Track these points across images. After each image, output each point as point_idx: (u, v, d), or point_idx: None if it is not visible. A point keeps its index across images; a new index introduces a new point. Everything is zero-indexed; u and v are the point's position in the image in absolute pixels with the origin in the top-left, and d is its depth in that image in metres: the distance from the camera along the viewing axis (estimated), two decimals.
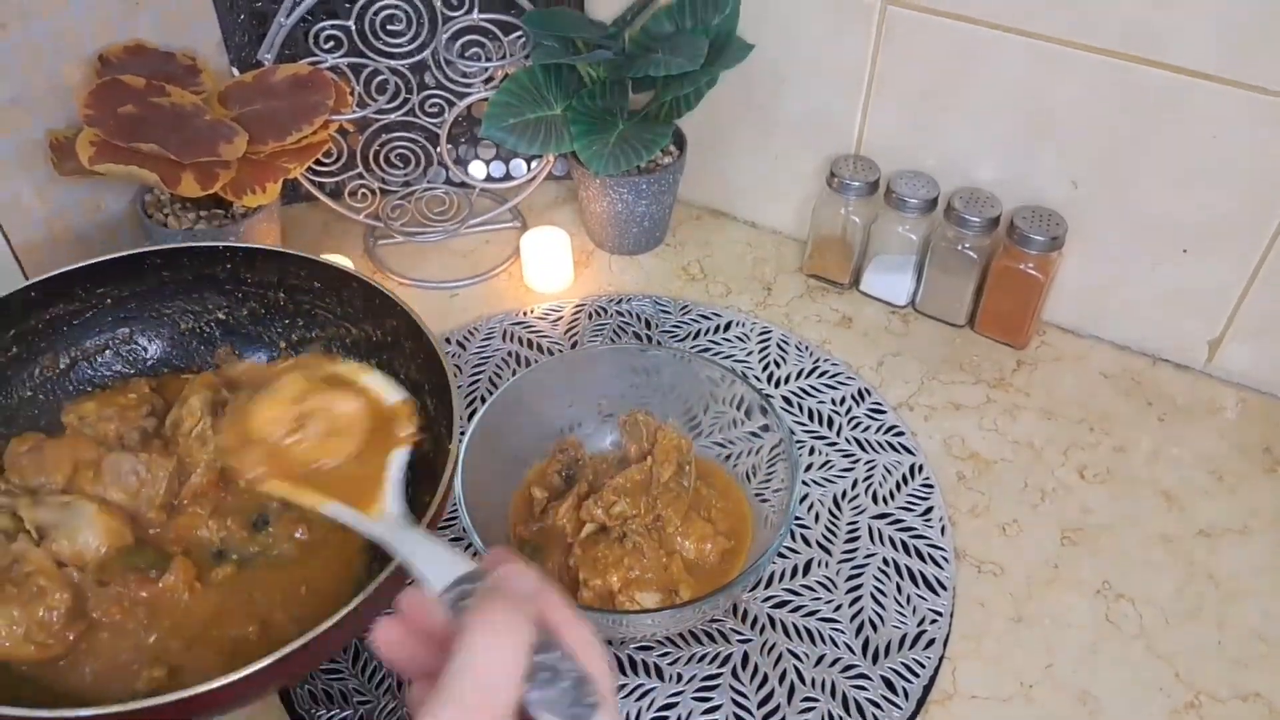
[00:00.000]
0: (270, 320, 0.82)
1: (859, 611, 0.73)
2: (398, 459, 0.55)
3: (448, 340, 0.94)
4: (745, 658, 0.71)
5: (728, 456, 0.78)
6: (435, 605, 0.42)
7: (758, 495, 0.76)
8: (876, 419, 0.87)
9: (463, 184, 1.08)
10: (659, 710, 0.68)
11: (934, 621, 0.73)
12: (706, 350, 0.94)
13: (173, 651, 0.65)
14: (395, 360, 0.76)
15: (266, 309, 0.81)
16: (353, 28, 0.96)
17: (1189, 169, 0.83)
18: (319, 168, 1.02)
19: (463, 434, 0.69)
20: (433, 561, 0.43)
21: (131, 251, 0.77)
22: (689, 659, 0.71)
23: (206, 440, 0.73)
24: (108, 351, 0.80)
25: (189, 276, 0.80)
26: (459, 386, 0.74)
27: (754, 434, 0.76)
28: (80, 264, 0.76)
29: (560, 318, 0.97)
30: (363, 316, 0.78)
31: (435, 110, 1.02)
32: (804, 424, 0.87)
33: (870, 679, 0.70)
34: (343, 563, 0.70)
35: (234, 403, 0.70)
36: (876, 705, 0.68)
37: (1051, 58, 0.83)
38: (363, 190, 1.05)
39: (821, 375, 0.91)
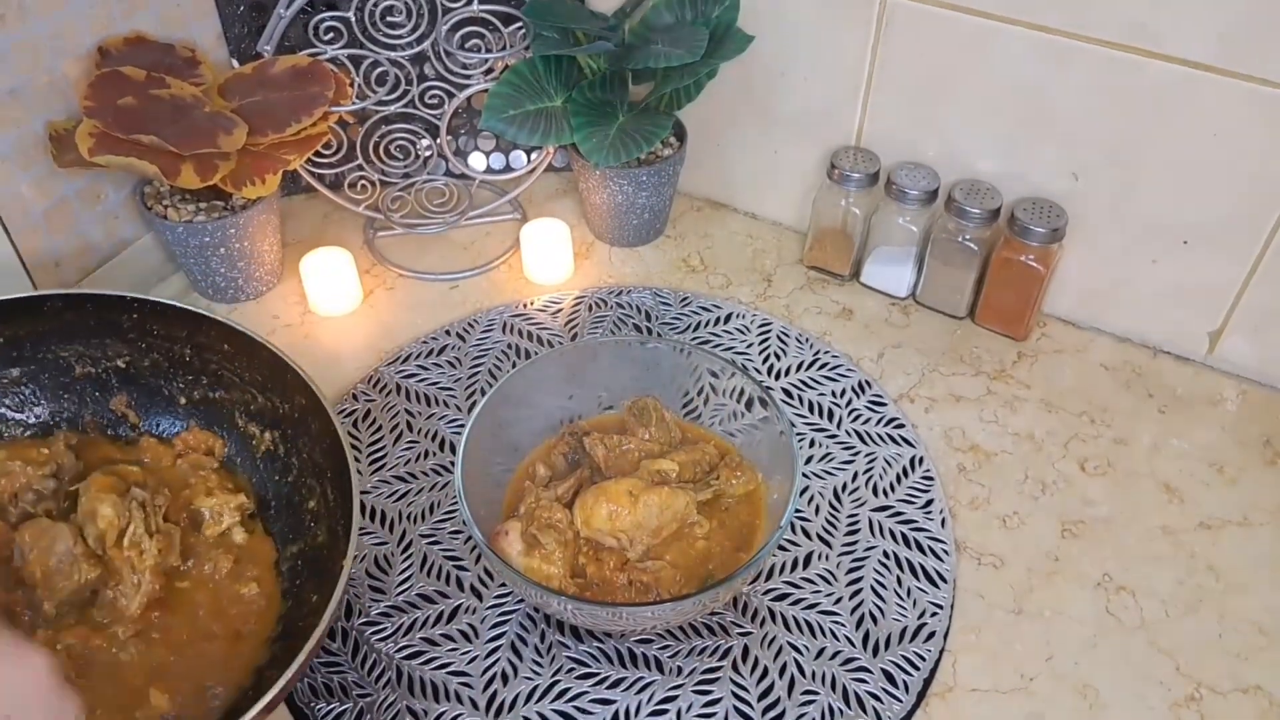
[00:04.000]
0: (173, 374, 0.79)
1: (859, 604, 0.73)
2: None
3: (447, 332, 0.94)
4: (745, 651, 0.71)
5: None
6: None
7: None
8: (877, 411, 0.87)
9: (463, 176, 1.08)
10: (659, 703, 0.68)
11: (934, 614, 0.73)
12: (707, 342, 0.94)
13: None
14: (299, 439, 0.74)
15: (171, 363, 0.78)
16: (352, 19, 0.96)
17: (1190, 160, 0.83)
18: (318, 159, 1.01)
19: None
20: None
21: (33, 293, 0.75)
22: (689, 652, 0.71)
23: (145, 549, 0.68)
24: None
25: (91, 321, 0.76)
26: (362, 490, 0.71)
27: (754, 426, 0.76)
28: None
29: (560, 309, 0.97)
30: (270, 387, 0.75)
31: (435, 102, 1.02)
32: (804, 416, 0.87)
33: (870, 672, 0.70)
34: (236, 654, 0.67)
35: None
36: (877, 698, 0.68)
37: (1053, 49, 0.83)
38: (362, 182, 1.04)
39: (822, 367, 0.91)
